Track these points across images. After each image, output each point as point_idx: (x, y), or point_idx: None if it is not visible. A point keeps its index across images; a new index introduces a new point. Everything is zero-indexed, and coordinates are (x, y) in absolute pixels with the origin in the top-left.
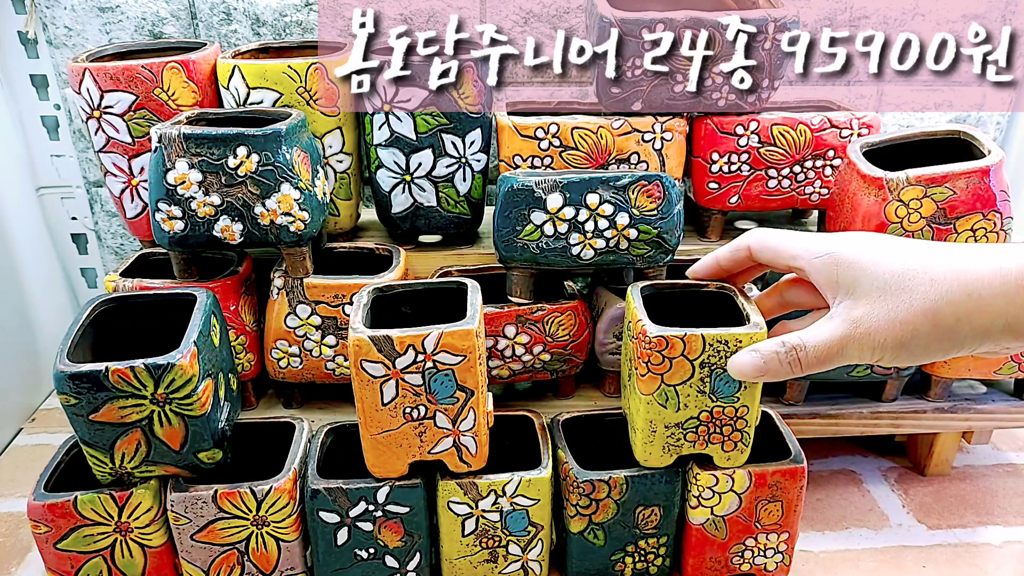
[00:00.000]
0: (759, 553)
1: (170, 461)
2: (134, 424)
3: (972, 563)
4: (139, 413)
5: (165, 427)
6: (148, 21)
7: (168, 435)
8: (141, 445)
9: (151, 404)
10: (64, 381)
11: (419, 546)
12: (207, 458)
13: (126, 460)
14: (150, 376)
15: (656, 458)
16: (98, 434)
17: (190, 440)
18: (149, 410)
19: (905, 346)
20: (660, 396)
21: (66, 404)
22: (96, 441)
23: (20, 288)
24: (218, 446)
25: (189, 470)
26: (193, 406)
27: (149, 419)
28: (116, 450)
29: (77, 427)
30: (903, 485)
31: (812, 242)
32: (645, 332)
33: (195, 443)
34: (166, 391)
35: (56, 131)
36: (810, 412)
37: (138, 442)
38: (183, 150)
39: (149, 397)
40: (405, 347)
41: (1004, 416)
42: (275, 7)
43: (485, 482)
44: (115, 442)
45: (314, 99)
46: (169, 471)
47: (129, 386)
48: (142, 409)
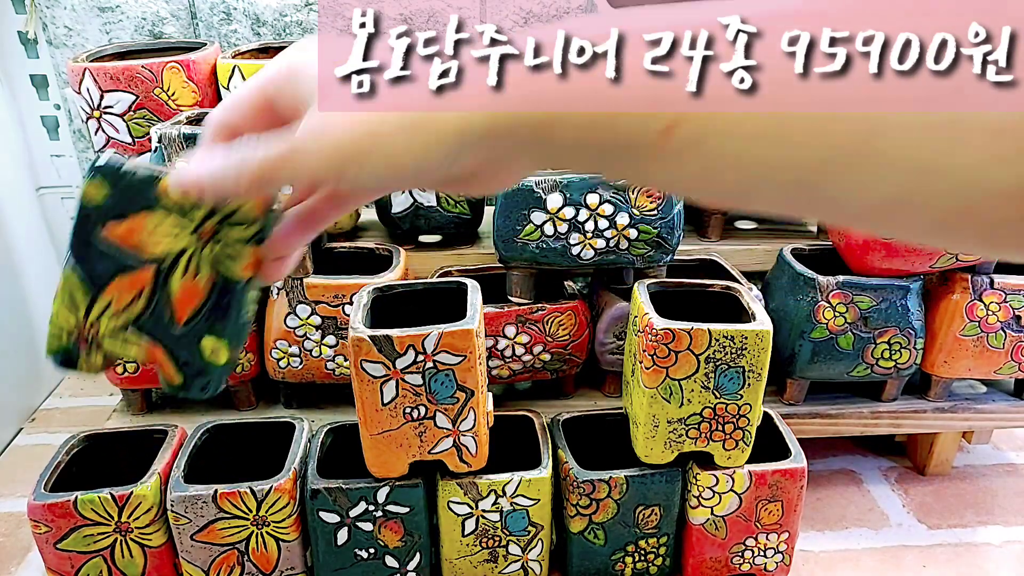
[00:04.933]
0: (759, 553)
1: (160, 337)
2: (151, 261)
3: (972, 563)
4: (169, 244)
5: (188, 277)
6: (148, 21)
7: (184, 291)
8: (140, 297)
9: (190, 235)
10: (108, 169)
11: (419, 546)
12: (209, 350)
13: (108, 314)
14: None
15: (657, 454)
16: (97, 260)
17: (207, 310)
18: (183, 244)
19: (366, 149)
20: (664, 390)
21: (87, 201)
22: (88, 270)
23: (20, 288)
24: (228, 341)
25: (176, 363)
26: (238, 260)
27: (175, 259)
28: (104, 293)
29: (77, 243)
30: (903, 485)
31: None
32: (652, 325)
33: (209, 318)
34: (219, 223)
35: (56, 131)
36: (810, 412)
37: (140, 290)
38: (183, 150)
39: (195, 224)
40: (405, 347)
41: (1004, 416)
42: (275, 7)
43: (485, 482)
44: (111, 279)
45: None
46: (151, 356)
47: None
48: (176, 238)
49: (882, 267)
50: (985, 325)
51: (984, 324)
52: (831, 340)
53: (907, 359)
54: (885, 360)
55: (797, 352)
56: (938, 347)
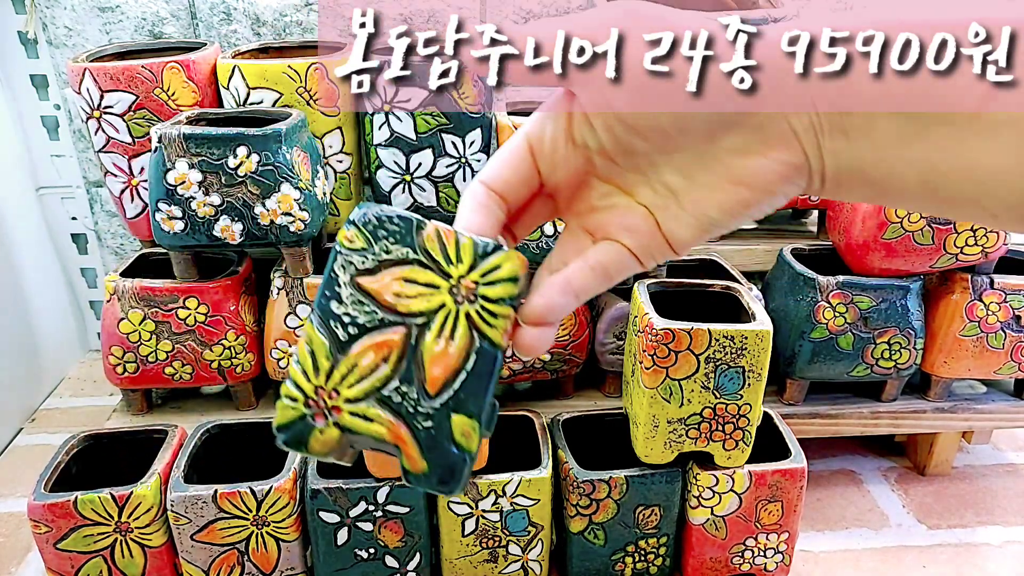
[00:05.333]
0: (759, 553)
1: (406, 414)
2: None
3: (972, 563)
4: (425, 301)
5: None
6: (148, 21)
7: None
8: (389, 361)
9: (448, 293)
10: (373, 218)
11: (419, 546)
12: (460, 432)
13: (350, 378)
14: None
15: (657, 454)
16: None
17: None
18: (440, 301)
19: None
20: (664, 390)
21: (347, 246)
22: (335, 325)
23: (20, 288)
24: (482, 422)
25: (422, 446)
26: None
27: (430, 319)
28: (351, 353)
29: (325, 293)
30: (903, 485)
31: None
32: (652, 325)
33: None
34: (480, 279)
35: (56, 131)
36: (810, 412)
37: (388, 353)
38: (183, 150)
39: (453, 280)
40: None
41: (1004, 416)
42: (275, 7)
43: (485, 482)
44: (360, 337)
45: (314, 99)
46: (393, 435)
47: (441, 254)
48: (432, 296)
49: (882, 267)
50: (985, 325)
51: (984, 324)
52: (831, 340)
53: (907, 359)
54: (885, 360)
55: (797, 352)
56: (938, 347)
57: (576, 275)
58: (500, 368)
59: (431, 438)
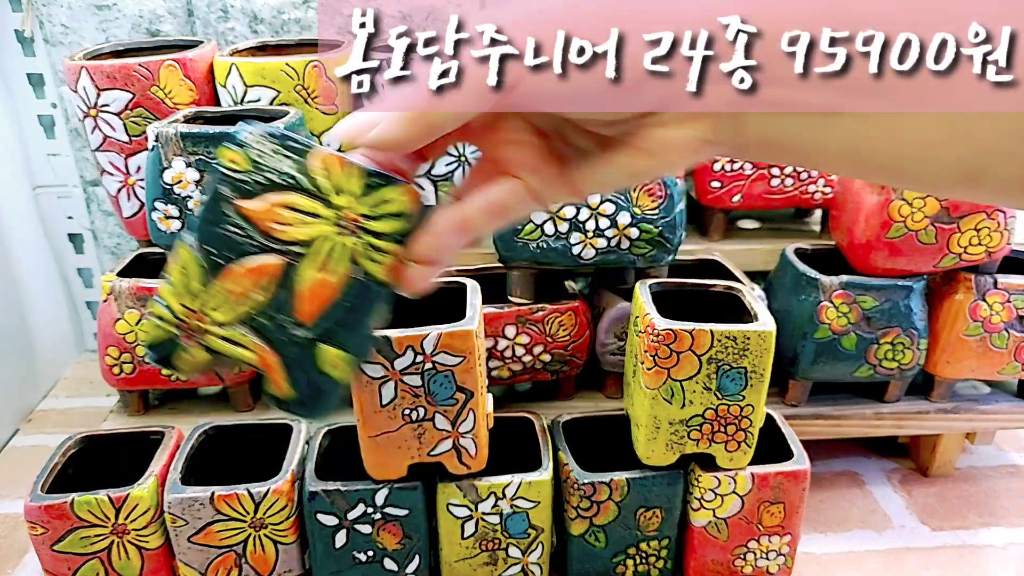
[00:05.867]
0: (761, 555)
1: (276, 340)
2: (281, 247)
3: (975, 564)
4: (304, 230)
5: (323, 270)
6: (145, 19)
7: (314, 289)
8: (263, 288)
9: (331, 224)
10: (260, 135)
11: (418, 549)
12: (331, 363)
13: (223, 303)
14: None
15: (659, 456)
16: (222, 239)
17: (336, 313)
18: (319, 231)
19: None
20: (665, 391)
21: (226, 167)
22: (211, 247)
23: (16, 288)
24: (354, 354)
25: (290, 372)
26: (382, 258)
27: (307, 249)
28: (223, 277)
29: (203, 215)
30: (906, 486)
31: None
32: (653, 326)
33: (338, 324)
34: (367, 212)
35: (52, 130)
36: (813, 413)
37: (263, 280)
38: (180, 149)
39: (337, 211)
40: (404, 347)
41: (1007, 417)
42: (273, 4)
43: (485, 484)
44: (233, 261)
45: (312, 97)
46: (262, 361)
47: (327, 183)
48: (313, 225)
49: (885, 267)
50: (988, 325)
51: (987, 324)
52: (834, 341)
53: (910, 360)
54: (888, 361)
55: (800, 353)
56: (941, 348)
57: (472, 214)
58: (384, 303)
59: (299, 366)
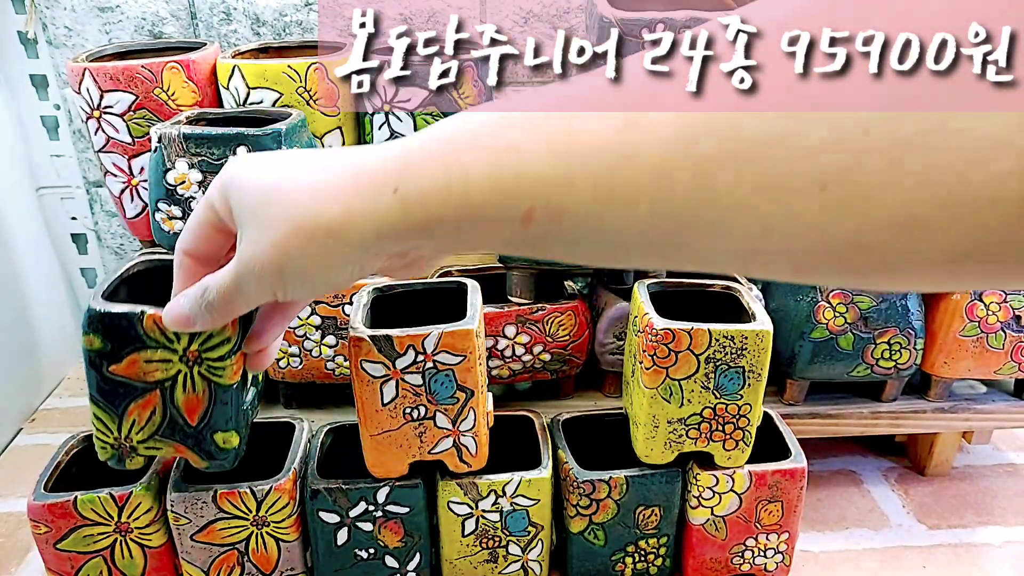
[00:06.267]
0: (759, 553)
1: (181, 439)
2: (155, 385)
3: (972, 563)
4: (164, 371)
5: (188, 393)
6: (148, 21)
7: (188, 403)
8: (155, 413)
9: (180, 362)
10: (96, 320)
11: (419, 546)
12: (222, 440)
13: (135, 430)
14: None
15: (657, 454)
16: (113, 392)
17: (211, 413)
18: (176, 369)
19: (286, 272)
20: (664, 391)
21: (90, 348)
22: (109, 401)
23: (20, 288)
24: (236, 430)
25: (199, 454)
26: (224, 372)
27: (173, 381)
28: (127, 415)
29: (93, 381)
30: (903, 485)
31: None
32: (652, 325)
33: (215, 418)
34: (200, 348)
35: (56, 131)
36: (810, 412)
37: (153, 408)
38: (183, 150)
39: (180, 353)
40: (405, 347)
41: (1004, 416)
42: (275, 7)
43: (485, 482)
44: (128, 405)
45: (314, 99)
46: (179, 451)
47: (162, 336)
48: (169, 367)
49: None
50: (985, 325)
51: (984, 324)
52: (831, 340)
53: (907, 359)
54: (885, 360)
55: (797, 352)
56: (938, 347)
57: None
58: (239, 392)
59: (202, 448)
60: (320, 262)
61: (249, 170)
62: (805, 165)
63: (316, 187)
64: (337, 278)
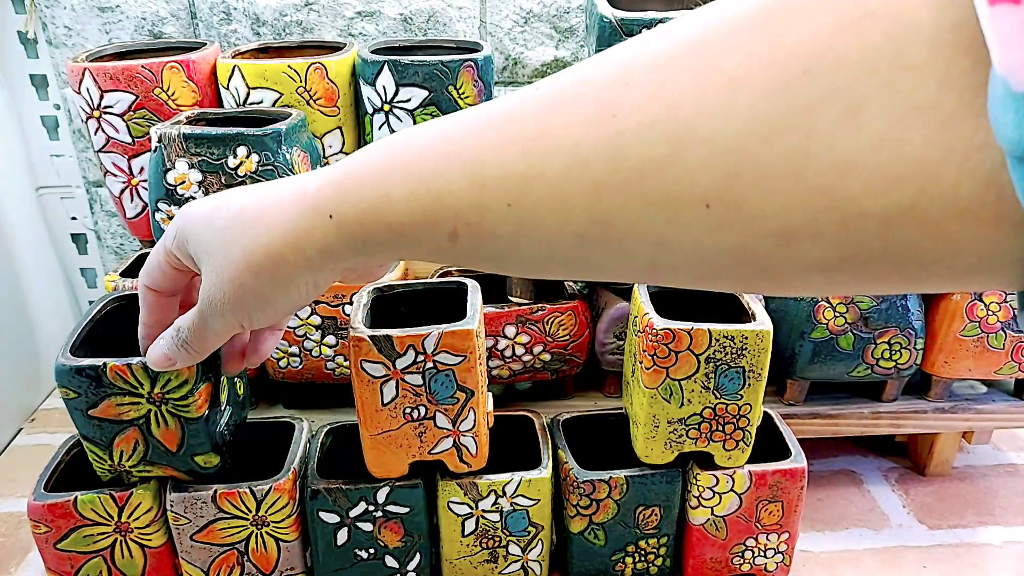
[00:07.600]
0: (759, 553)
1: (167, 463)
2: (131, 422)
3: (972, 563)
4: (136, 411)
5: (161, 427)
6: (148, 21)
7: (164, 436)
8: (139, 444)
9: (148, 403)
10: (65, 375)
11: (419, 546)
12: (203, 462)
13: (125, 458)
14: (146, 375)
15: (657, 454)
16: (97, 430)
17: (186, 442)
18: (146, 409)
19: (247, 303)
20: (664, 391)
21: (66, 398)
22: (95, 437)
23: (20, 288)
24: (215, 451)
25: (187, 473)
26: (190, 408)
27: (146, 418)
28: (115, 447)
29: (77, 422)
30: (903, 485)
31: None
32: (652, 325)
33: (191, 446)
34: (162, 391)
35: (56, 131)
36: (810, 412)
37: (136, 441)
38: (183, 150)
39: (146, 396)
40: (405, 347)
41: (1004, 416)
42: (275, 7)
43: (485, 482)
44: (114, 439)
45: (314, 99)
46: (167, 472)
47: (126, 383)
48: (139, 407)
49: None
50: (985, 325)
51: (984, 324)
52: (831, 340)
53: (907, 359)
54: (885, 360)
55: (797, 352)
56: (938, 347)
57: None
58: (210, 421)
59: (187, 469)
60: (276, 288)
61: (201, 215)
62: (689, 185)
63: (262, 221)
64: (295, 298)
